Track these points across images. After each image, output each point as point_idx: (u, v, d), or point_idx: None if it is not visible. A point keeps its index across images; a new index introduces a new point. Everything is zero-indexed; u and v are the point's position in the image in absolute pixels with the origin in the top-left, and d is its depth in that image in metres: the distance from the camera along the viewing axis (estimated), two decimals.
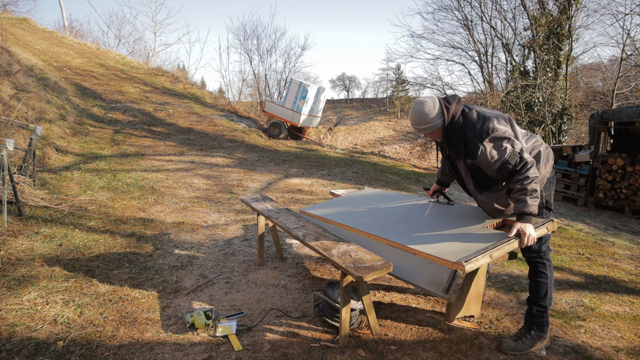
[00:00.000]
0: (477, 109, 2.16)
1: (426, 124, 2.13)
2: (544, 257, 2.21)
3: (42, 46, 14.20)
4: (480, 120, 2.07)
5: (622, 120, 6.41)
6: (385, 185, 6.75)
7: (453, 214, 2.59)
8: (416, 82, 15.12)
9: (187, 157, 7.26)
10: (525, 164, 1.97)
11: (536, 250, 2.19)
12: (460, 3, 13.15)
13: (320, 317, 2.44)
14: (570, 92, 11.64)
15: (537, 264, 2.21)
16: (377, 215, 2.76)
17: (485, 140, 2.02)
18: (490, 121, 2.05)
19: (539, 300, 2.20)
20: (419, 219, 2.56)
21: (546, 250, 2.21)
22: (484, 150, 2.02)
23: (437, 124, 2.13)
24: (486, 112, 2.12)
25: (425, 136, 2.31)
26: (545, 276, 2.20)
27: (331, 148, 11.86)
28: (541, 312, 2.21)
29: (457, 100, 2.18)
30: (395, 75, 41.87)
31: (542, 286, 2.19)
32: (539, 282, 2.20)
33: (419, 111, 2.14)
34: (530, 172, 1.98)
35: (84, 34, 25.58)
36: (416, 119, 2.16)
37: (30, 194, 4.16)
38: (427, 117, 2.12)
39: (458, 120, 2.14)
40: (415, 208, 2.85)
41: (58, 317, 2.33)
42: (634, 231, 4.95)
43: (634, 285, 3.14)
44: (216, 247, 3.64)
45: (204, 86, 20.28)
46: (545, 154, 2.16)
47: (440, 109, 2.13)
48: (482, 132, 2.03)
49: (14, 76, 6.77)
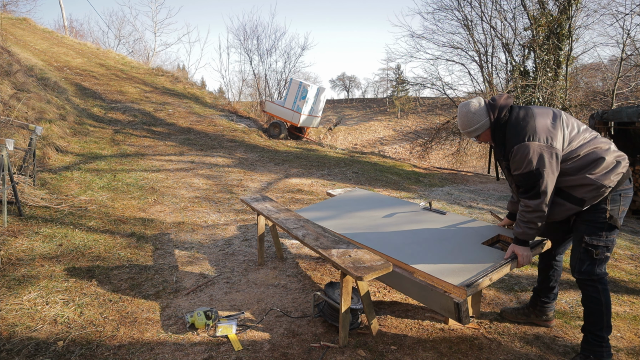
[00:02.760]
0: (527, 108, 1.99)
1: (473, 125, 2.02)
2: (597, 281, 1.93)
3: (42, 46, 14.20)
4: (523, 121, 1.91)
5: (622, 120, 6.40)
6: (385, 185, 6.75)
7: (448, 227, 2.60)
8: (416, 82, 15.11)
9: (187, 157, 7.26)
10: (536, 191, 1.84)
11: (586, 271, 1.94)
12: (460, 3, 13.14)
13: (320, 317, 2.44)
14: (570, 92, 11.63)
15: (587, 287, 1.96)
16: (373, 225, 2.77)
17: (518, 145, 1.87)
18: (533, 123, 1.87)
19: (594, 330, 1.95)
20: (415, 232, 2.57)
21: (600, 273, 1.92)
22: (514, 154, 1.89)
23: (484, 123, 2.01)
24: (535, 111, 1.93)
25: (479, 141, 2.15)
26: (597, 301, 1.92)
27: (331, 148, 11.86)
28: (599, 341, 1.94)
29: (505, 97, 2.02)
30: (395, 75, 41.90)
31: (596, 313, 1.93)
32: (591, 307, 1.95)
33: (465, 112, 2.03)
34: (535, 203, 1.86)
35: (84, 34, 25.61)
36: (463, 122, 2.06)
37: (30, 194, 4.16)
38: (474, 118, 2.01)
39: (504, 117, 1.99)
40: (410, 217, 2.86)
41: (58, 317, 2.33)
42: (634, 231, 4.95)
43: (634, 285, 3.14)
44: (216, 247, 3.63)
45: (204, 86, 20.29)
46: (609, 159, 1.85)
47: (486, 108, 2.02)
48: (519, 135, 1.88)
49: (14, 76, 6.76)
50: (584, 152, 1.87)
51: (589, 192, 1.87)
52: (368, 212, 3.05)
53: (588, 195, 1.87)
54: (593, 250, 1.91)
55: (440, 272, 1.99)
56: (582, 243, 1.94)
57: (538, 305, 2.37)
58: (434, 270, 2.01)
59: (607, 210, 1.87)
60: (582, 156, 1.87)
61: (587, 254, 1.92)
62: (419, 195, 6.17)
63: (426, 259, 2.15)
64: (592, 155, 1.86)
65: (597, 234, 1.90)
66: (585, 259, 1.93)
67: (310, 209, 3.35)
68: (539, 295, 2.37)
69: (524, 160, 1.86)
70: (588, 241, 1.92)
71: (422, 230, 2.59)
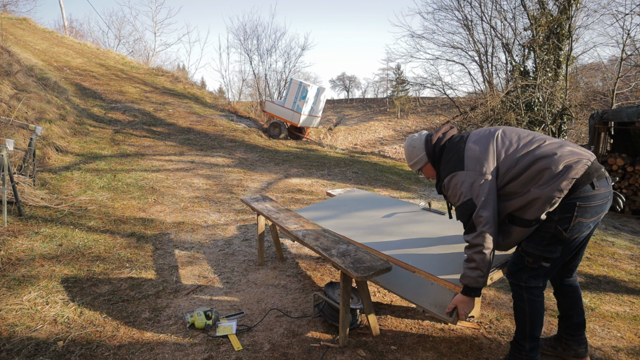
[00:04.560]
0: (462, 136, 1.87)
1: (413, 159, 2.00)
2: (525, 289, 1.78)
3: (42, 46, 14.20)
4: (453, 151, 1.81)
5: (622, 120, 6.40)
6: (385, 185, 6.75)
7: (447, 227, 2.61)
8: (416, 82, 15.13)
9: (187, 157, 7.26)
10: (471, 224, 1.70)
11: (515, 275, 1.81)
12: (460, 3, 13.14)
13: (320, 317, 2.44)
14: (570, 92, 11.63)
15: (514, 292, 1.85)
16: (373, 225, 2.78)
17: (449, 176, 1.79)
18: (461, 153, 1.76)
19: (517, 337, 1.87)
20: (415, 232, 2.58)
21: (530, 282, 1.77)
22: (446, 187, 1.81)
23: (422, 157, 1.97)
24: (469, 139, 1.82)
25: (427, 178, 2.07)
26: (522, 310, 1.80)
27: (331, 148, 11.86)
28: (518, 349, 1.85)
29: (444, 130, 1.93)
30: (395, 75, 41.86)
31: (519, 321, 1.84)
32: (515, 314, 1.85)
33: (407, 146, 2.02)
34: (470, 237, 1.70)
35: (84, 34, 25.61)
36: (406, 155, 2.04)
37: (30, 194, 4.16)
38: (413, 152, 1.99)
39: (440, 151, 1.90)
40: (410, 217, 2.87)
41: (58, 317, 2.33)
42: (634, 231, 4.95)
43: (634, 285, 3.13)
44: (216, 247, 3.63)
45: (204, 86, 20.27)
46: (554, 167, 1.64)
47: (425, 141, 1.96)
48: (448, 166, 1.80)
49: (14, 76, 6.76)
50: (525, 165, 1.69)
51: (539, 208, 1.67)
52: (368, 212, 3.05)
53: (539, 212, 1.67)
54: (526, 257, 1.76)
55: (440, 272, 2.00)
56: (519, 247, 1.84)
57: (563, 338, 2.06)
58: (435, 271, 2.02)
59: (553, 221, 1.67)
60: (523, 170, 1.69)
61: (520, 259, 1.80)
62: (419, 195, 6.17)
63: (426, 259, 2.15)
64: (535, 167, 1.67)
65: (535, 242, 1.73)
66: (518, 263, 1.81)
67: (310, 209, 3.36)
68: (559, 325, 2.09)
69: (456, 191, 1.76)
70: (524, 246, 1.78)
71: (422, 230, 2.59)
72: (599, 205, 1.67)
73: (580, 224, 1.66)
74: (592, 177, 1.64)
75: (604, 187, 1.67)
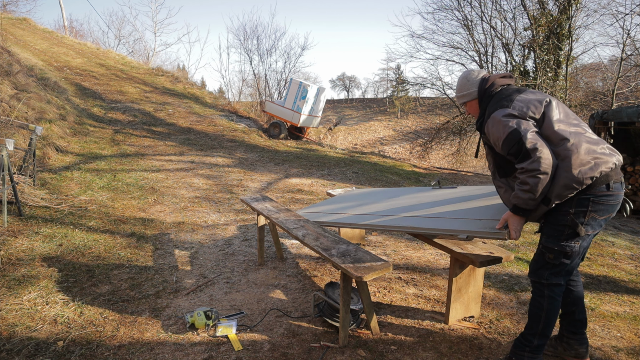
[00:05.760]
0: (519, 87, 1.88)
1: (462, 91, 2.02)
2: (546, 286, 1.82)
3: (42, 46, 14.20)
4: (506, 94, 1.84)
5: (622, 120, 6.40)
6: (385, 185, 6.75)
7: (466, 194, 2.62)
8: (416, 82, 15.11)
9: (187, 157, 7.26)
10: (525, 151, 1.67)
11: (537, 273, 1.85)
12: (460, 3, 13.12)
13: (320, 317, 2.44)
14: (570, 92, 11.63)
15: (535, 289, 1.89)
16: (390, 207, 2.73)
17: (493, 113, 1.80)
18: (514, 96, 1.80)
19: (526, 333, 1.89)
20: (434, 203, 2.58)
21: (552, 279, 1.81)
22: (489, 124, 1.81)
23: (471, 93, 1.98)
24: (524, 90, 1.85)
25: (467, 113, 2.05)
26: (539, 306, 1.84)
27: (331, 148, 11.86)
28: (524, 344, 1.88)
29: (502, 75, 1.94)
30: (395, 75, 41.86)
31: (534, 317, 1.86)
32: (532, 310, 1.88)
33: (462, 77, 2.03)
34: (526, 163, 1.68)
35: (84, 34, 25.61)
36: (457, 85, 2.04)
37: (30, 194, 4.16)
38: (465, 85, 2.00)
39: (492, 92, 1.92)
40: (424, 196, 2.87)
41: (58, 317, 2.33)
42: (634, 231, 4.95)
43: (634, 285, 3.13)
44: (216, 247, 3.63)
45: (204, 86, 20.29)
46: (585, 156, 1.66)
47: (481, 80, 1.97)
48: (496, 105, 1.82)
49: (14, 76, 6.76)
50: (561, 140, 1.70)
51: (557, 188, 1.68)
52: (381, 202, 2.97)
53: (555, 190, 1.69)
54: (547, 253, 1.80)
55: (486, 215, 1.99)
56: (540, 244, 1.86)
57: (565, 337, 2.07)
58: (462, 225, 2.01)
59: (569, 213, 1.72)
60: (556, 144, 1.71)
61: (542, 256, 1.83)
62: None
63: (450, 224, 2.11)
64: (567, 146, 1.68)
65: (554, 237, 1.77)
66: (539, 260, 1.84)
67: (310, 209, 3.35)
68: (561, 323, 2.10)
69: (499, 125, 1.75)
70: (544, 242, 1.82)
71: (442, 200, 2.58)
72: (611, 205, 1.73)
73: (593, 219, 1.72)
74: (611, 179, 1.70)
75: (618, 190, 1.73)
